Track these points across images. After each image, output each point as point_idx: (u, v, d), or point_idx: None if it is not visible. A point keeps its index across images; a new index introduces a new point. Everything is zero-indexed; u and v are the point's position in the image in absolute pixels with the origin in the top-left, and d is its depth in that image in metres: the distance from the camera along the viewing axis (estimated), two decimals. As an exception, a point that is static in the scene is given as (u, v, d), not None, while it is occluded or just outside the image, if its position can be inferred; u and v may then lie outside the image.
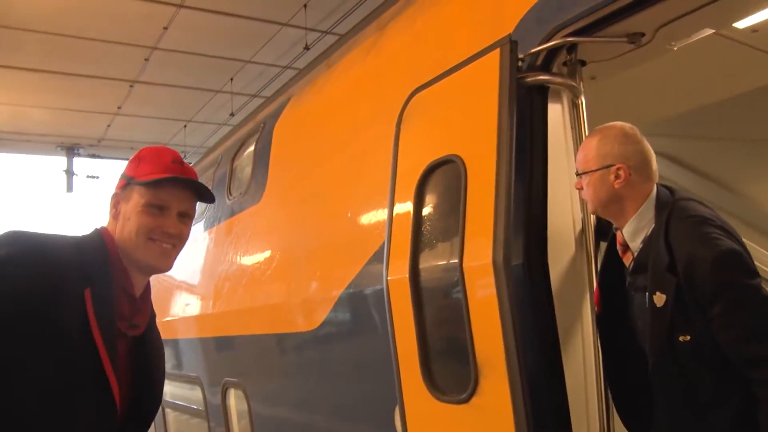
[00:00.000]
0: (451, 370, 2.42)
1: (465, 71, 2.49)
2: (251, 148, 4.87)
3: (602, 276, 2.38)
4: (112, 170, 13.87)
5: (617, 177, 2.16)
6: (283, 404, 3.92)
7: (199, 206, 1.96)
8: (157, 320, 1.94)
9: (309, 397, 3.60)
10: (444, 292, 2.46)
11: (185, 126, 12.32)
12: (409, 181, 2.58)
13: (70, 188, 13.53)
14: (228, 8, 7.96)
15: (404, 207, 2.60)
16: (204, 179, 5.92)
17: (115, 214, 1.78)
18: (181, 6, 7.69)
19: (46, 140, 12.83)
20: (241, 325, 4.34)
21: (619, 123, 2.27)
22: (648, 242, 2.15)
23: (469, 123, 2.45)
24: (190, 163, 2.18)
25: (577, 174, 2.29)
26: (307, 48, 8.14)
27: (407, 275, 2.48)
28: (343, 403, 3.31)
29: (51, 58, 9.08)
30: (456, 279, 2.29)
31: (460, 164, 2.36)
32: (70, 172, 13.51)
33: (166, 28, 8.17)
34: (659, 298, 2.02)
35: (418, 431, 2.56)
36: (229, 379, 4.57)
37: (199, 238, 5.43)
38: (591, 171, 2.21)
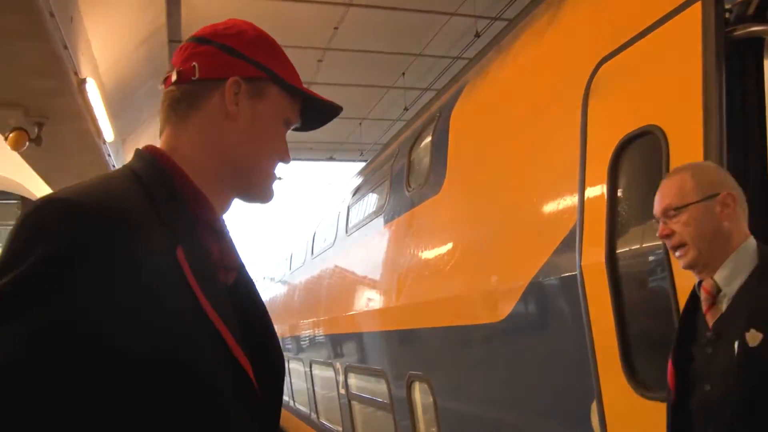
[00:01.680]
0: (656, 364, 2.20)
1: (660, 31, 2.24)
2: (428, 139, 4.81)
3: (678, 351, 1.85)
4: (296, 171, 14.45)
5: (725, 206, 1.76)
6: (470, 398, 3.81)
7: (379, 199, 1.65)
8: (343, 314, 1.81)
9: (496, 392, 3.46)
10: (646, 278, 2.24)
11: (360, 123, 12.60)
12: (601, 158, 2.38)
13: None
14: (396, 3, 8.00)
15: (597, 186, 2.40)
16: (381, 173, 5.96)
17: (227, 112, 1.13)
18: (350, 5, 7.82)
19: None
20: (424, 318, 4.28)
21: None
22: (748, 285, 1.73)
23: (668, 89, 2.21)
24: (366, 161, 1.86)
25: (666, 215, 1.82)
26: (477, 35, 8.02)
27: (604, 260, 2.29)
28: (533, 399, 3.14)
29: (234, 67, 9.59)
30: (661, 263, 2.07)
31: (660, 135, 2.13)
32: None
33: (336, 28, 8.38)
34: (754, 337, 1.60)
35: (619, 429, 2.38)
36: (413, 372, 4.54)
37: (380, 232, 5.47)
38: (691, 204, 1.77)
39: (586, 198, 2.47)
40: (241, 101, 1.13)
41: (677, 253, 1.81)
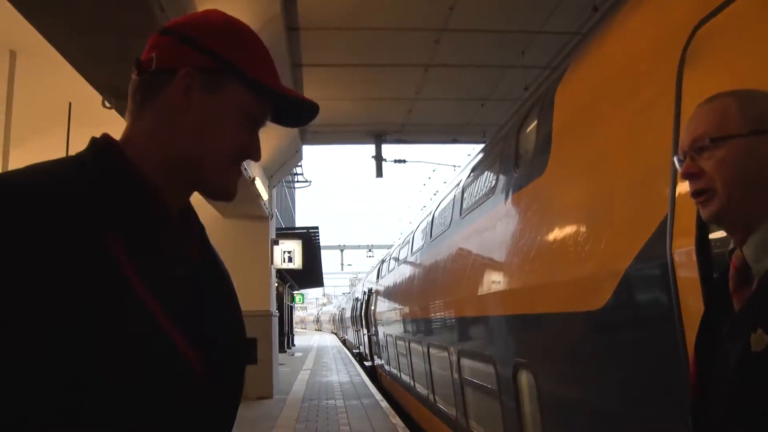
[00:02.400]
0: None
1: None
2: (534, 119, 4.67)
3: (702, 338, 1.42)
4: (416, 154, 14.54)
5: None
6: (572, 388, 3.67)
7: (489, 182, 1.50)
8: (453, 298, 1.66)
9: (600, 382, 3.30)
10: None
11: (482, 105, 12.39)
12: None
13: (379, 173, 14.42)
14: (513, -22, 7.78)
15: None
16: (493, 155, 5.86)
17: (177, 104, 1.09)
18: (464, -17, 7.69)
19: (355, 129, 13.83)
20: (526, 304, 4.17)
21: None
22: None
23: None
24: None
25: (697, 148, 1.36)
26: (595, 9, 7.64)
27: (693, 246, 2.11)
28: (635, 390, 2.96)
29: (351, 52, 9.71)
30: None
31: None
32: (379, 158, 14.38)
33: (451, 9, 8.22)
34: (759, 340, 1.16)
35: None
36: (519, 359, 4.45)
37: (488, 215, 5.38)
38: (733, 136, 1.31)
39: (678, 176, 2.28)
40: (194, 94, 1.10)
41: (699, 200, 1.36)
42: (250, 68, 1.14)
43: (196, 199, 1.20)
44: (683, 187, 2.24)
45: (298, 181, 20.86)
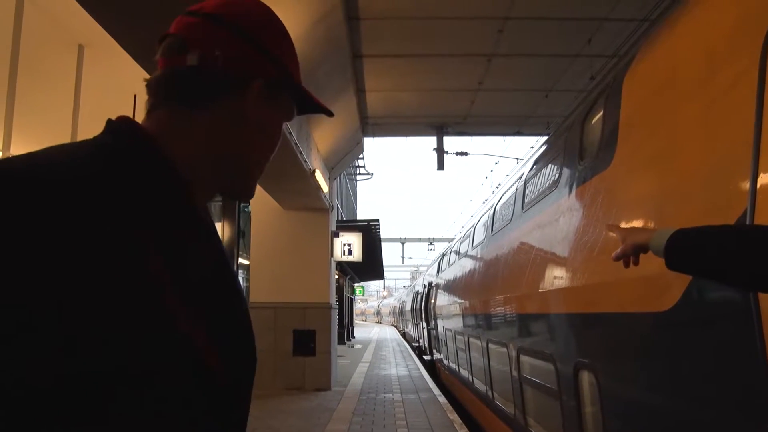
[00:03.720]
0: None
1: None
2: (600, 109, 4.46)
3: None
4: (478, 147, 14.35)
5: None
6: (637, 391, 3.47)
7: (552, 175, 1.45)
8: (514, 294, 1.60)
9: (667, 387, 3.10)
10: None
11: (546, 95, 12.12)
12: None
13: (441, 165, 14.27)
14: (579, -36, 7.53)
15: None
16: (557, 147, 5.66)
17: (243, 115, 1.03)
18: (528, -31, 7.48)
19: (417, 121, 13.71)
20: (590, 302, 3.98)
21: None
22: None
23: None
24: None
25: None
26: (665, -6, 7.34)
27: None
28: (705, 394, 2.75)
29: (412, 41, 9.57)
30: None
31: None
32: (440, 150, 14.24)
33: (515, -5, 8.04)
34: None
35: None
36: (580, 359, 4.26)
37: (551, 210, 5.20)
38: None
39: (760, 167, 2.09)
40: (258, 105, 1.04)
41: None
42: (297, 75, 1.10)
43: (257, 189, 1.12)
44: (765, 178, 2.05)
45: (359, 174, 20.88)
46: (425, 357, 21.32)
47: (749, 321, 2.15)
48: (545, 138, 7.68)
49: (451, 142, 14.66)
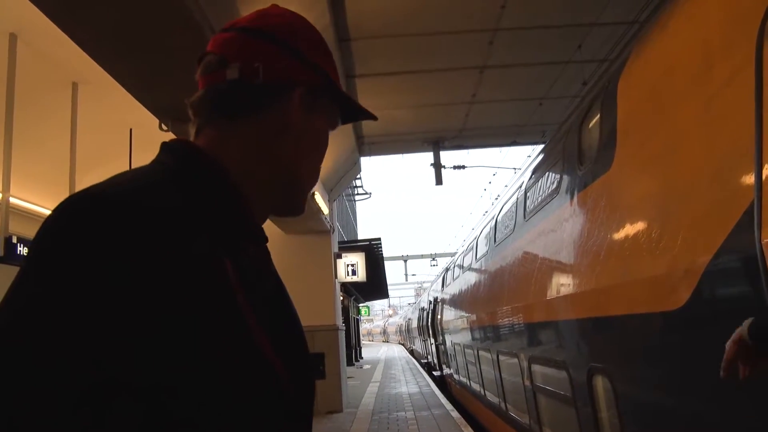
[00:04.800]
0: None
1: None
2: (597, 112, 4.47)
3: None
4: (475, 159, 14.37)
5: None
6: (652, 392, 3.45)
7: (552, 182, 1.43)
8: (521, 304, 1.61)
9: (682, 386, 3.08)
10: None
11: (540, 104, 12.14)
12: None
13: (439, 180, 14.26)
14: (565, -29, 7.57)
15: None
16: (555, 154, 5.67)
17: (290, 123, 1.03)
18: (513, -22, 7.53)
19: (413, 137, 13.71)
20: (599, 306, 3.97)
21: None
22: None
23: None
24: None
25: None
26: (653, -6, 7.37)
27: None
28: (719, 393, 2.73)
29: (404, 59, 9.60)
30: None
31: None
32: (438, 165, 14.24)
33: (503, 7, 8.05)
34: None
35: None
36: (594, 364, 4.24)
37: (553, 217, 5.19)
38: None
39: (763, 160, 2.09)
40: (302, 113, 1.04)
41: None
42: (338, 81, 1.10)
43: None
44: (770, 170, 2.05)
45: (358, 194, 20.86)
46: (435, 373, 21.20)
47: (764, 314, 2.14)
48: (542, 146, 7.68)
49: (448, 157, 14.67)
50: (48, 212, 0.85)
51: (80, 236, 0.75)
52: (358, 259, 16.19)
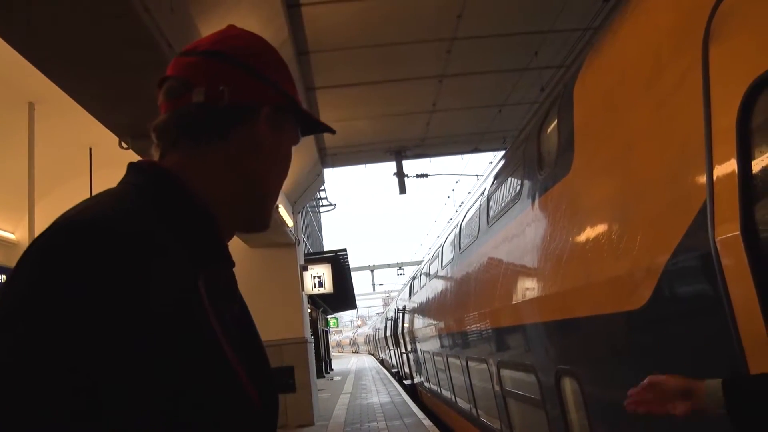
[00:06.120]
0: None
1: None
2: (555, 117, 4.55)
3: None
4: (438, 167, 14.41)
5: None
6: (619, 391, 3.50)
7: (514, 187, 1.47)
8: (487, 309, 1.62)
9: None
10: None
11: (500, 111, 12.28)
12: (727, 109, 2.05)
13: (403, 189, 14.31)
14: (519, -20, 7.69)
15: (725, 143, 2.08)
16: (515, 159, 5.74)
17: (257, 143, 1.06)
18: (470, -11, 7.61)
19: (375, 148, 13.75)
20: (564, 308, 4.02)
21: None
22: None
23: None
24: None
25: None
26: (605, 0, 7.52)
27: (739, 231, 1.97)
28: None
29: (363, 70, 9.65)
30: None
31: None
32: (401, 174, 14.29)
33: (459, 16, 8.14)
34: None
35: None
36: (561, 366, 4.29)
37: (516, 222, 5.25)
38: None
39: (714, 155, 2.15)
40: (269, 131, 1.08)
41: None
42: (299, 99, 1.14)
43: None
44: (722, 168, 2.11)
45: (322, 205, 20.83)
46: (405, 381, 21.19)
47: (722, 310, 2.19)
48: (503, 152, 7.77)
49: (410, 166, 14.76)
50: (7, 235, 0.85)
51: (85, 268, 0.76)
52: (324, 271, 16.16)
